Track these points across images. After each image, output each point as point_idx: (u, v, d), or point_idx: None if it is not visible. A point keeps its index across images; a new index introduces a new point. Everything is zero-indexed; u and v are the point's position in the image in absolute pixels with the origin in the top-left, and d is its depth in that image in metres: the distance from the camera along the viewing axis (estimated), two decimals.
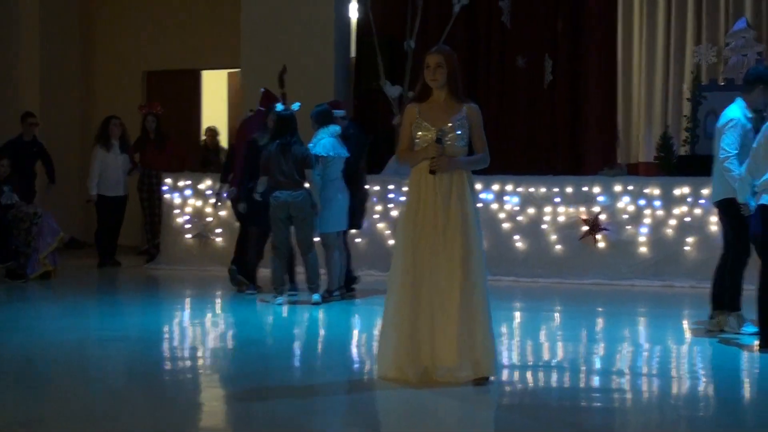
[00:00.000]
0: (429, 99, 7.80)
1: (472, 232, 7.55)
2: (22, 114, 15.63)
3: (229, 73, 18.88)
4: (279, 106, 12.23)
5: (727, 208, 9.67)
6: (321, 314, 11.24)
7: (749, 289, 9.75)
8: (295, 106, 12.21)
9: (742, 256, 9.75)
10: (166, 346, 9.76)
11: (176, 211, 15.23)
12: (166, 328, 10.77)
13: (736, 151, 9.43)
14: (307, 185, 11.64)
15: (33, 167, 15.52)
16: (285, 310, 11.39)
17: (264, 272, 12.42)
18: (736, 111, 9.66)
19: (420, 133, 7.68)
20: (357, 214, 12.30)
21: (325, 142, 11.83)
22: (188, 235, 15.12)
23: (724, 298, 9.83)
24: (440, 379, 7.53)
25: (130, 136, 15.89)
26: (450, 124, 7.66)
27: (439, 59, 7.76)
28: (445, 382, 7.48)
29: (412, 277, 7.61)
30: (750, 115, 9.66)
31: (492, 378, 7.63)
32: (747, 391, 8.05)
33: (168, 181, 15.36)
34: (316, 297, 11.72)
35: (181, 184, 15.19)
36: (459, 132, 7.66)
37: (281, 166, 11.56)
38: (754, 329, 9.69)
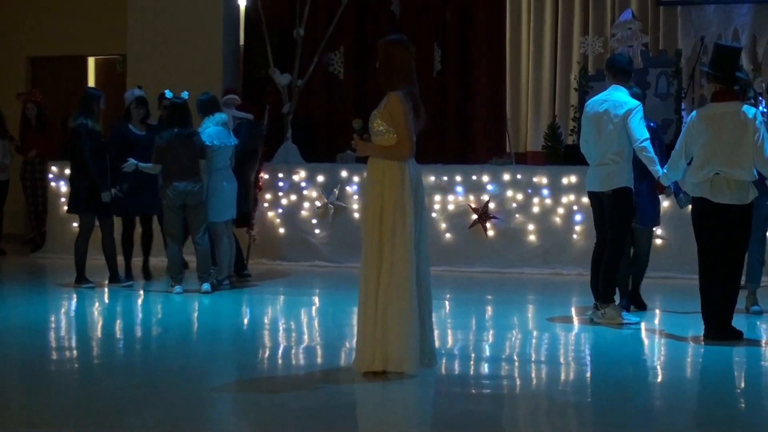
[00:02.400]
0: None
1: (389, 214, 7.51)
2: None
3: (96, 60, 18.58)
4: (169, 93, 12.08)
5: (620, 197, 9.74)
6: (211, 303, 11.16)
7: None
8: (185, 94, 12.08)
9: (621, 251, 9.86)
10: (52, 335, 9.60)
11: (62, 200, 14.96)
12: (52, 318, 10.58)
13: (648, 135, 9.60)
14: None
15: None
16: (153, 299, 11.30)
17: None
18: (628, 97, 9.78)
19: None
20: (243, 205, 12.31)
21: (210, 131, 11.78)
22: (75, 224, 14.85)
23: (600, 289, 9.96)
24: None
25: (7, 122, 15.60)
26: (374, 113, 7.70)
27: (379, 51, 7.75)
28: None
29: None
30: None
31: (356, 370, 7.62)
32: (633, 376, 8.16)
33: (54, 169, 15.10)
34: (206, 286, 11.62)
35: (67, 171, 14.91)
36: (376, 122, 7.65)
37: (181, 157, 11.47)
38: (635, 319, 9.85)
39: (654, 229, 11.06)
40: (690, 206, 9.47)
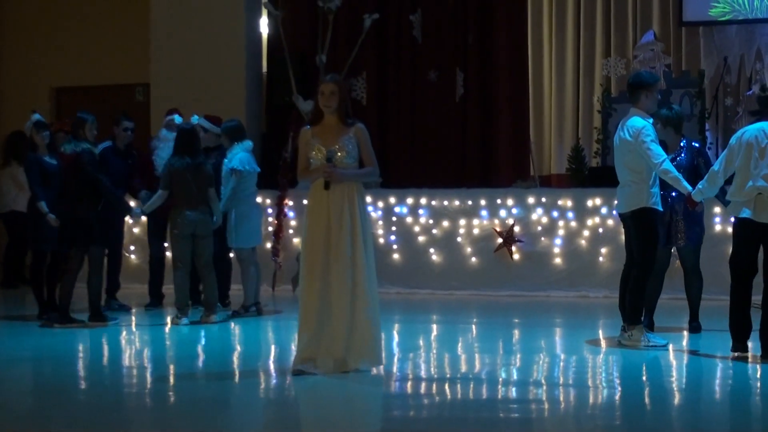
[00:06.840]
0: (321, 122, 8.66)
1: (360, 233, 8.49)
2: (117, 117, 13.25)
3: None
4: (178, 119, 12.05)
5: (640, 218, 9.69)
6: (232, 333, 11.17)
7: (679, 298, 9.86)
8: (194, 119, 12.07)
9: (646, 272, 9.76)
10: (80, 365, 9.64)
11: None
12: (80, 347, 10.60)
13: (666, 155, 9.52)
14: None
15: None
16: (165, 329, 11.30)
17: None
18: (639, 121, 9.67)
19: (314, 153, 8.56)
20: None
21: (241, 156, 11.78)
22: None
23: (627, 311, 9.89)
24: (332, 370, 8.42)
25: None
26: (339, 145, 8.52)
27: (333, 88, 8.59)
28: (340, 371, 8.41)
29: (315, 278, 8.45)
30: (650, 120, 9.76)
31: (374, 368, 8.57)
32: (662, 399, 8.11)
33: None
34: (185, 321, 11.48)
35: None
36: (348, 151, 8.54)
37: (191, 185, 11.42)
38: (663, 341, 9.76)
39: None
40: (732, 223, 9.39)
